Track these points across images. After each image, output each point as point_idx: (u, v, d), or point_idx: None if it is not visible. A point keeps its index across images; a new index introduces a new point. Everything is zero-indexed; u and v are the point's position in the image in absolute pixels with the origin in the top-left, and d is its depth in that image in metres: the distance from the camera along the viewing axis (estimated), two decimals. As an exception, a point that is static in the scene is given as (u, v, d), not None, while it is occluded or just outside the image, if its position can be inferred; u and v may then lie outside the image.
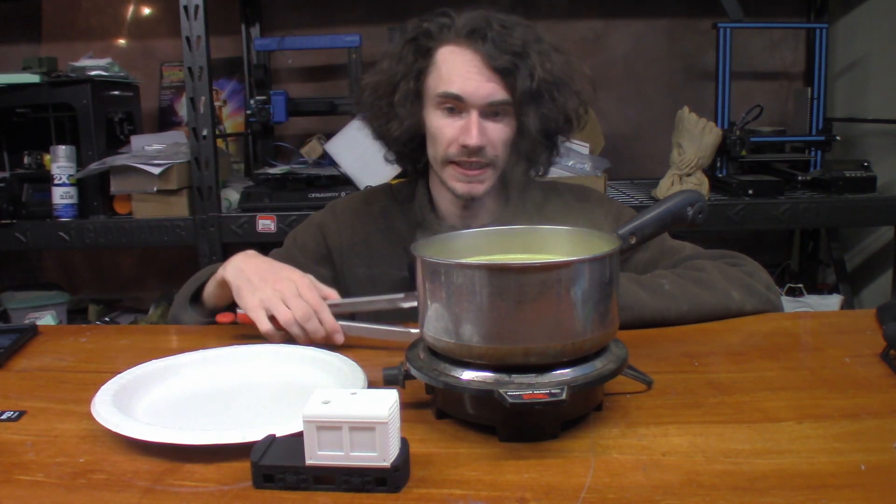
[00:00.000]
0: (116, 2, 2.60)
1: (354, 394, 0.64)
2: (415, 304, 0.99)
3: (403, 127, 1.17)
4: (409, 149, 1.21)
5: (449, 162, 1.14)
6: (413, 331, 0.82)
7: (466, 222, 1.20)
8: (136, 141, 2.11)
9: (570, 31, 2.53)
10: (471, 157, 1.12)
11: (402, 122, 1.17)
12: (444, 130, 1.13)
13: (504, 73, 1.09)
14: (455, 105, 1.12)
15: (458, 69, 1.10)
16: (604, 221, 1.21)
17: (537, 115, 1.11)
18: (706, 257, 1.15)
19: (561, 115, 1.14)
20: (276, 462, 0.62)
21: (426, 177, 1.25)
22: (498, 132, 1.13)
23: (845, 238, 2.48)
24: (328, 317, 0.97)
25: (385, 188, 1.30)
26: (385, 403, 0.61)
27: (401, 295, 1.00)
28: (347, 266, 1.24)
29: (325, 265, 1.24)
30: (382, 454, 0.60)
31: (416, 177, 1.26)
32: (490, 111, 1.12)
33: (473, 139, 1.10)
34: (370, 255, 1.24)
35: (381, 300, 1.02)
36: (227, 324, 1.07)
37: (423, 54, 1.14)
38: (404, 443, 0.63)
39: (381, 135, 1.22)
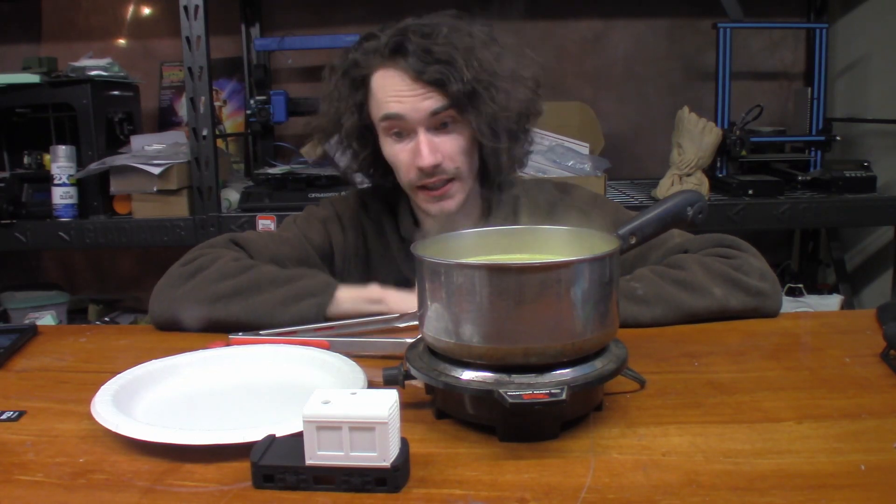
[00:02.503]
0: (116, 2, 2.60)
1: (354, 394, 0.64)
2: (410, 322, 1.01)
3: (360, 159, 1.17)
4: (377, 176, 1.21)
5: (416, 188, 1.13)
6: (408, 340, 0.82)
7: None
8: (136, 141, 2.11)
9: (570, 31, 2.53)
10: (431, 178, 1.11)
11: (358, 155, 1.17)
12: (399, 157, 1.12)
13: (436, 84, 1.07)
14: (400, 127, 1.11)
15: (391, 91, 1.09)
16: (588, 209, 1.20)
17: (483, 114, 1.09)
18: (697, 245, 1.12)
19: (508, 107, 1.10)
20: (275, 462, 0.62)
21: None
22: (450, 143, 1.11)
23: (845, 238, 2.48)
24: None
25: (378, 192, 1.27)
26: (385, 403, 0.61)
27: (396, 315, 1.02)
28: (347, 268, 1.23)
29: (327, 263, 1.22)
30: (382, 454, 0.60)
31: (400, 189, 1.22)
32: (436, 124, 1.10)
33: (425, 160, 1.09)
34: (368, 259, 1.23)
35: (376, 320, 1.03)
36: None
37: (357, 86, 1.13)
38: (404, 443, 0.63)
39: (344, 173, 1.22)
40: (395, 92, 1.09)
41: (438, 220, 1.17)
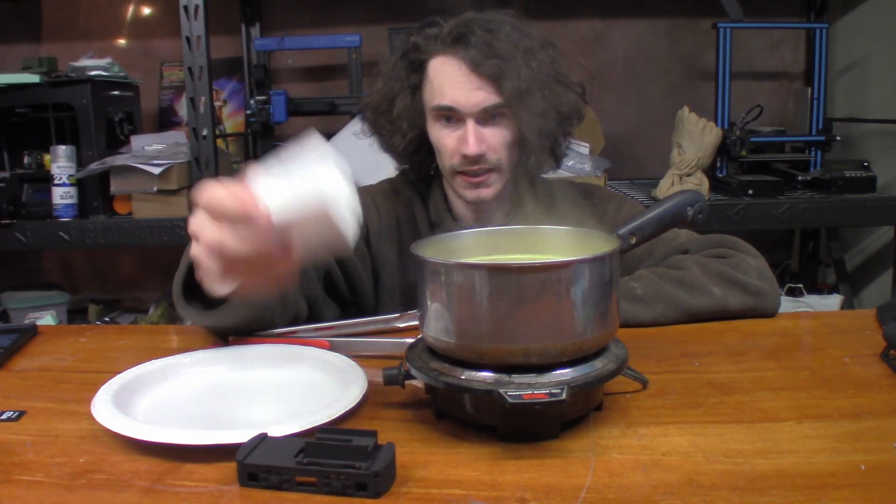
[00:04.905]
0: (116, 2, 2.60)
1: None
2: (410, 323, 1.02)
3: (406, 140, 1.20)
4: (419, 158, 1.24)
5: (456, 173, 1.16)
6: (408, 340, 0.82)
7: (481, 224, 1.21)
8: (136, 141, 2.11)
9: (570, 31, 2.53)
10: (473, 166, 1.14)
11: (405, 135, 1.20)
12: (445, 142, 1.15)
13: (492, 78, 1.10)
14: (451, 115, 1.14)
15: (448, 80, 1.12)
16: (616, 215, 1.24)
17: (532, 114, 1.12)
18: (698, 246, 1.15)
19: (557, 109, 1.14)
20: (260, 461, 0.62)
21: (440, 177, 1.26)
22: (496, 136, 1.14)
23: (845, 238, 2.48)
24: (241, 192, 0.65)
25: (408, 179, 1.30)
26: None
27: (396, 315, 1.03)
28: (380, 249, 1.24)
29: (362, 241, 1.23)
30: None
31: (432, 175, 1.27)
32: (485, 116, 1.13)
33: (471, 148, 1.12)
34: (400, 241, 1.25)
35: (376, 320, 1.04)
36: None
37: (415, 69, 1.17)
38: (389, 448, 0.63)
39: (387, 149, 1.25)
40: (451, 81, 1.12)
41: (472, 207, 1.21)
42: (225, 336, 1.00)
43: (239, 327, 0.97)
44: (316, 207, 0.63)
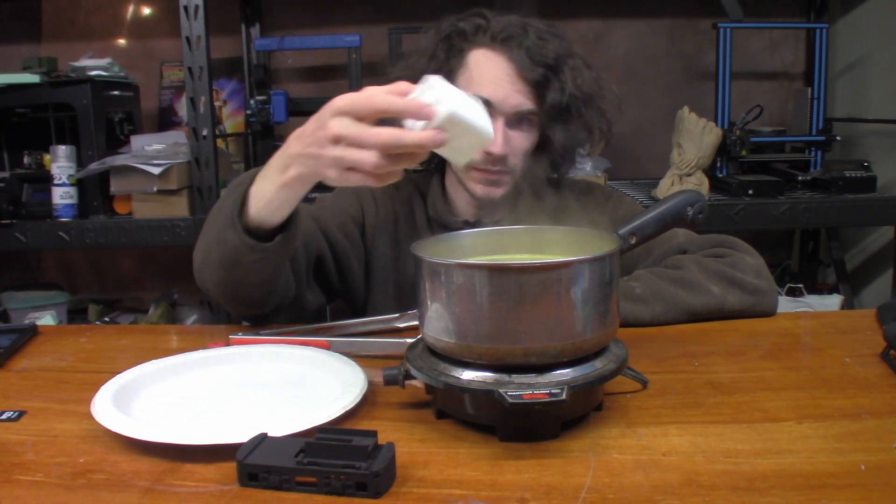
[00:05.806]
0: (116, 2, 2.60)
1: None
2: (410, 323, 1.02)
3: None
4: None
5: (471, 168, 1.15)
6: (409, 340, 0.82)
7: (480, 219, 1.21)
8: (136, 141, 2.11)
9: (570, 31, 2.52)
10: (494, 166, 1.13)
11: None
12: None
13: (535, 85, 1.10)
14: None
15: (490, 74, 1.11)
16: (614, 213, 1.24)
17: (561, 129, 1.13)
18: (696, 245, 1.15)
19: (584, 130, 1.15)
20: (260, 461, 0.62)
21: (441, 171, 1.26)
22: (521, 141, 1.14)
23: (845, 238, 2.48)
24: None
25: (408, 176, 1.30)
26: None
27: (396, 315, 1.04)
28: (375, 242, 1.24)
29: (357, 231, 1.23)
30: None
31: (432, 171, 1.27)
32: (515, 119, 1.13)
33: (499, 147, 1.10)
34: (396, 236, 1.25)
35: (376, 321, 1.04)
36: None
37: (455, 54, 1.15)
38: (389, 448, 0.63)
39: None
40: (492, 76, 1.11)
41: (474, 204, 1.21)
42: (243, 299, 1.02)
43: (274, 271, 0.99)
44: (470, 114, 0.73)
